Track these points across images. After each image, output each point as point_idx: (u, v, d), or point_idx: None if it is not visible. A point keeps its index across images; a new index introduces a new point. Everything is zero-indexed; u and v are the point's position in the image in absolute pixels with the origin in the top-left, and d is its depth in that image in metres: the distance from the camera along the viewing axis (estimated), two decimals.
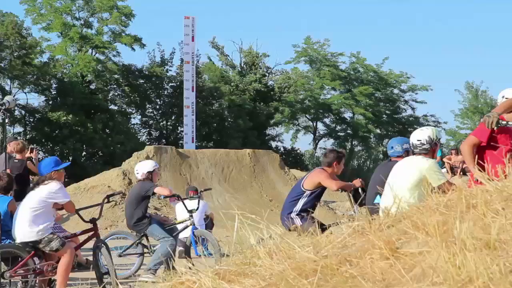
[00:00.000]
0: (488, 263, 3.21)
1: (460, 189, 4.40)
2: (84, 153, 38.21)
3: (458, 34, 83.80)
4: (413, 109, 53.59)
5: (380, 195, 8.13)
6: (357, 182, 9.74)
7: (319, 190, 9.60)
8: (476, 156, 7.14)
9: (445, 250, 3.43)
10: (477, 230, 3.58)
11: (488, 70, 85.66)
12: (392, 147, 9.37)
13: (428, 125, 48.00)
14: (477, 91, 56.55)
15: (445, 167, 25.73)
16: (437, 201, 4.46)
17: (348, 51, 52.85)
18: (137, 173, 11.50)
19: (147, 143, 38.42)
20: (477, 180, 4.49)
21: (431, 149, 7.87)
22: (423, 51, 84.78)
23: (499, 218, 3.66)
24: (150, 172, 11.48)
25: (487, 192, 4.15)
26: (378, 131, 51.04)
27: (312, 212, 9.17)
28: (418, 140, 7.82)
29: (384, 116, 52.32)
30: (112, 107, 40.92)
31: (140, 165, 11.66)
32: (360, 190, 9.65)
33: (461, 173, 25.11)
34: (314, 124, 51.90)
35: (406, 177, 7.54)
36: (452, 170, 25.57)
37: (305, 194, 9.50)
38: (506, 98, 8.01)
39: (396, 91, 53.01)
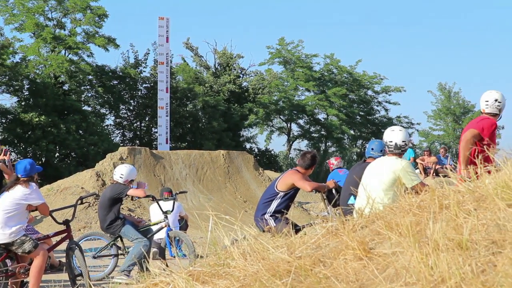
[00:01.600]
0: (460, 263, 3.24)
1: (432, 190, 4.43)
2: (57, 154, 37.87)
3: (430, 36, 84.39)
4: (386, 110, 53.87)
5: (354, 196, 8.16)
6: (330, 183, 9.76)
7: (293, 191, 9.60)
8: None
9: (418, 251, 3.46)
10: (449, 230, 3.60)
11: (460, 71, 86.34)
12: (373, 149, 9.42)
13: (401, 126, 48.30)
14: (449, 93, 56.97)
15: (418, 168, 25.86)
16: (410, 202, 4.49)
17: (322, 52, 53.08)
18: (121, 177, 11.36)
19: (121, 144, 38.22)
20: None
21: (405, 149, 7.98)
22: (396, 52, 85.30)
23: (471, 219, 3.68)
24: (132, 180, 11.49)
25: (459, 193, 4.19)
26: (352, 132, 51.22)
27: (286, 213, 9.18)
28: (403, 141, 7.86)
29: (357, 117, 52.51)
30: (86, 108, 40.62)
31: (127, 171, 11.47)
32: (333, 191, 9.67)
33: (434, 174, 25.27)
34: (288, 125, 51.97)
35: (380, 178, 7.56)
36: (425, 171, 25.72)
37: (278, 195, 9.50)
38: (495, 101, 8.21)
39: (369, 92, 53.22)
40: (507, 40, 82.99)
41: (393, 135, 7.92)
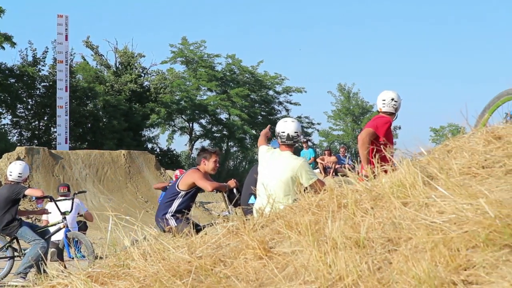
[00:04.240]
0: (357, 261, 3.30)
1: (331, 189, 4.49)
2: None
3: (330, 37, 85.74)
4: (287, 110, 54.38)
5: (254, 195, 8.21)
6: (231, 183, 9.79)
7: (194, 191, 9.59)
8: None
9: (317, 249, 3.50)
10: (347, 229, 3.66)
11: (359, 72, 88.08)
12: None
13: (302, 126, 48.98)
14: (349, 93, 58.02)
15: (318, 168, 26.24)
16: (310, 201, 4.54)
17: (224, 52, 53.20)
18: (20, 176, 11.15)
19: (18, 144, 37.29)
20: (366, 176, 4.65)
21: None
22: (297, 53, 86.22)
23: (368, 217, 3.76)
24: (27, 178, 11.30)
25: (357, 192, 4.26)
26: (253, 132, 51.49)
27: (187, 213, 9.16)
28: (295, 132, 7.91)
29: (259, 117, 52.83)
30: None
31: (23, 169, 11.26)
32: (235, 190, 9.71)
33: (334, 173, 25.68)
34: (190, 125, 51.84)
35: (278, 177, 7.60)
36: (325, 170, 26.11)
37: (180, 195, 9.48)
38: (391, 100, 8.43)
39: (271, 92, 53.65)
40: (405, 41, 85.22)
41: (285, 126, 7.97)
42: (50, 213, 12.09)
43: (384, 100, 8.59)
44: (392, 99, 8.55)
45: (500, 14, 79.88)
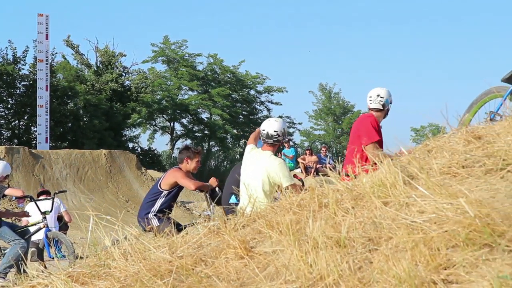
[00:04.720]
0: (338, 261, 3.30)
1: (312, 189, 4.50)
2: None
3: (311, 37, 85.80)
4: (268, 110, 54.40)
5: (235, 195, 8.21)
6: (213, 182, 9.79)
7: (176, 190, 9.58)
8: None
9: (298, 249, 3.50)
10: (328, 228, 3.67)
11: (340, 72, 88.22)
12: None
13: None
14: (330, 93, 58.12)
15: (299, 167, 26.28)
16: (291, 201, 4.55)
17: (206, 52, 53.16)
18: None
19: None
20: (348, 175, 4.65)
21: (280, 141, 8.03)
22: (278, 53, 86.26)
23: (349, 217, 3.76)
24: (8, 175, 11.21)
25: (338, 192, 4.27)
26: (235, 131, 51.46)
27: (169, 213, 9.15)
28: (275, 131, 7.90)
29: (240, 117, 52.82)
30: None
31: (1, 167, 11.21)
32: (217, 189, 9.71)
33: (315, 173, 25.72)
34: (172, 124, 51.74)
35: (257, 176, 7.62)
36: (306, 170, 26.14)
37: (162, 194, 9.46)
38: (377, 97, 8.37)
39: (252, 92, 53.64)
40: (387, 41, 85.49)
41: (266, 125, 7.99)
42: (31, 216, 12.01)
43: (370, 97, 8.51)
44: (378, 95, 8.43)
45: (483, 11, 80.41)
